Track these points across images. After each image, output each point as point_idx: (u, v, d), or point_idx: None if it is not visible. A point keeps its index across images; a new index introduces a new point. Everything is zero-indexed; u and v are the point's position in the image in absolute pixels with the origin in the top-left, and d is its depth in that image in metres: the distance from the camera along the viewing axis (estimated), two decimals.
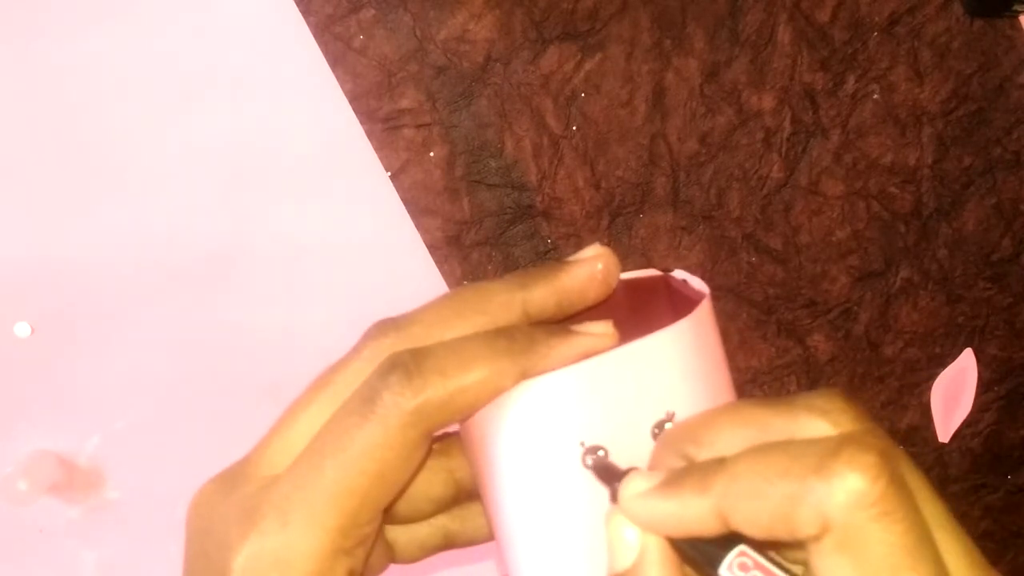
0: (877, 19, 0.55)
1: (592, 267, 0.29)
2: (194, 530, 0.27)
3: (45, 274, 0.55)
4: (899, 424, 0.60)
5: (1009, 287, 0.59)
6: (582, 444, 0.28)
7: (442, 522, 0.32)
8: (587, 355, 0.27)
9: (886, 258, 0.58)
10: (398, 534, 0.31)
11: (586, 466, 0.28)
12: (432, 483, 0.30)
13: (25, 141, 0.55)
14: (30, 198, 0.55)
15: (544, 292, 0.28)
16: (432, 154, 0.55)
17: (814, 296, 0.58)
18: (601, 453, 0.28)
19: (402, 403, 0.25)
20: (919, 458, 0.60)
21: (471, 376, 0.25)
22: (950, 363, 0.60)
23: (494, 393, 0.26)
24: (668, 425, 0.28)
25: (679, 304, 0.31)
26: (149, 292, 0.56)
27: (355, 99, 0.54)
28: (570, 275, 0.29)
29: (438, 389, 0.25)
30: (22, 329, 0.55)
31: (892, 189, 0.57)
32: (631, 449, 0.28)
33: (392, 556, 0.31)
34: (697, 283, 0.31)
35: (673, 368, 0.28)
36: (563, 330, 0.27)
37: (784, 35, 0.55)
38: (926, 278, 0.58)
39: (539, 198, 0.56)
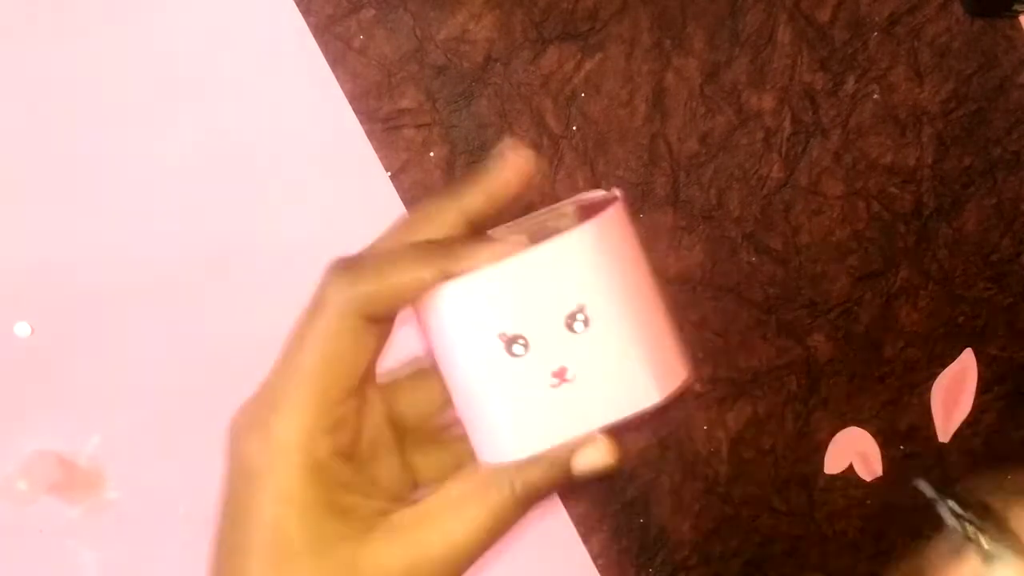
0: (877, 19, 0.55)
1: (509, 159, 0.33)
2: (227, 453, 0.32)
3: (45, 274, 0.55)
4: (899, 424, 0.60)
5: (1009, 287, 0.59)
6: (503, 335, 0.32)
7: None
8: (502, 258, 0.31)
9: (886, 258, 0.58)
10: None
11: (512, 355, 0.32)
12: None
13: (25, 141, 0.55)
14: (30, 198, 0.55)
15: (474, 194, 0.32)
16: (432, 154, 0.55)
17: (814, 296, 0.58)
18: (521, 342, 0.32)
19: (339, 294, 0.30)
20: (919, 458, 0.60)
21: (397, 274, 0.30)
22: (950, 363, 0.60)
23: (418, 289, 0.31)
24: (579, 316, 0.33)
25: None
26: (149, 292, 0.56)
27: (355, 99, 0.54)
28: (491, 173, 0.33)
29: (370, 284, 0.30)
30: (22, 329, 0.55)
31: (892, 189, 0.57)
32: (547, 338, 0.33)
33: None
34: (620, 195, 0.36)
35: (582, 264, 0.33)
36: (482, 238, 0.33)
37: (784, 35, 0.55)
38: (926, 278, 0.58)
39: (539, 198, 0.56)
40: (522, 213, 0.38)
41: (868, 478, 0.60)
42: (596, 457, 0.32)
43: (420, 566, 0.30)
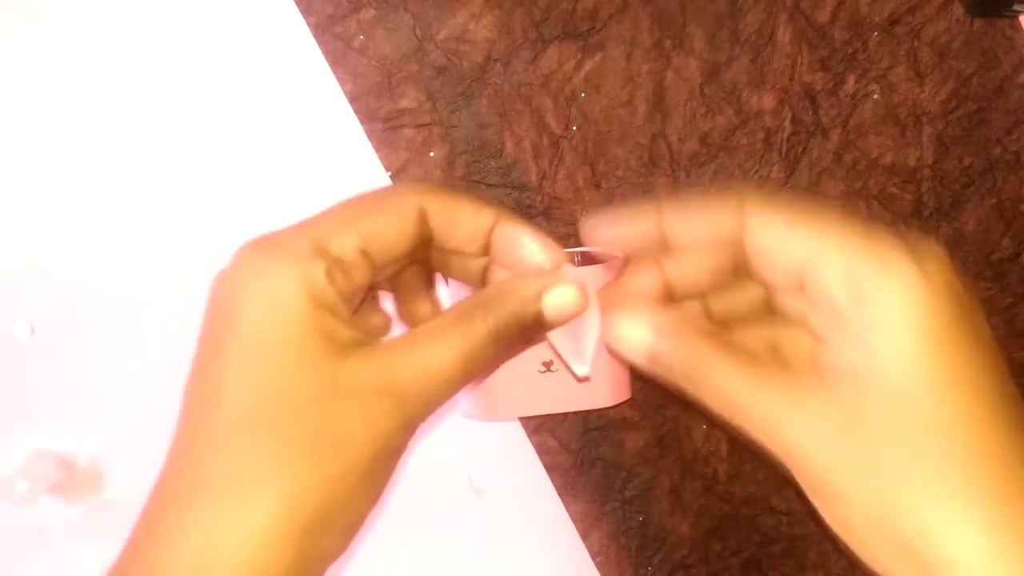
0: (877, 19, 0.55)
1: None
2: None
3: (45, 274, 0.55)
4: None
5: (1009, 287, 0.59)
6: None
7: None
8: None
9: None
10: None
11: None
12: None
13: (24, 140, 0.55)
14: (30, 198, 0.55)
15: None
16: (432, 154, 0.55)
17: None
18: None
19: (412, 182, 0.39)
20: None
21: (465, 197, 0.37)
22: None
23: (475, 216, 0.36)
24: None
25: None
26: (149, 292, 0.56)
27: (355, 99, 0.54)
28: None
29: (441, 190, 0.35)
30: (22, 329, 0.55)
31: (892, 189, 0.57)
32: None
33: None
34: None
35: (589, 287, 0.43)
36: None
37: (784, 35, 0.55)
38: None
39: (539, 198, 0.56)
40: None
41: None
42: (565, 298, 0.34)
43: (394, 385, 0.31)
